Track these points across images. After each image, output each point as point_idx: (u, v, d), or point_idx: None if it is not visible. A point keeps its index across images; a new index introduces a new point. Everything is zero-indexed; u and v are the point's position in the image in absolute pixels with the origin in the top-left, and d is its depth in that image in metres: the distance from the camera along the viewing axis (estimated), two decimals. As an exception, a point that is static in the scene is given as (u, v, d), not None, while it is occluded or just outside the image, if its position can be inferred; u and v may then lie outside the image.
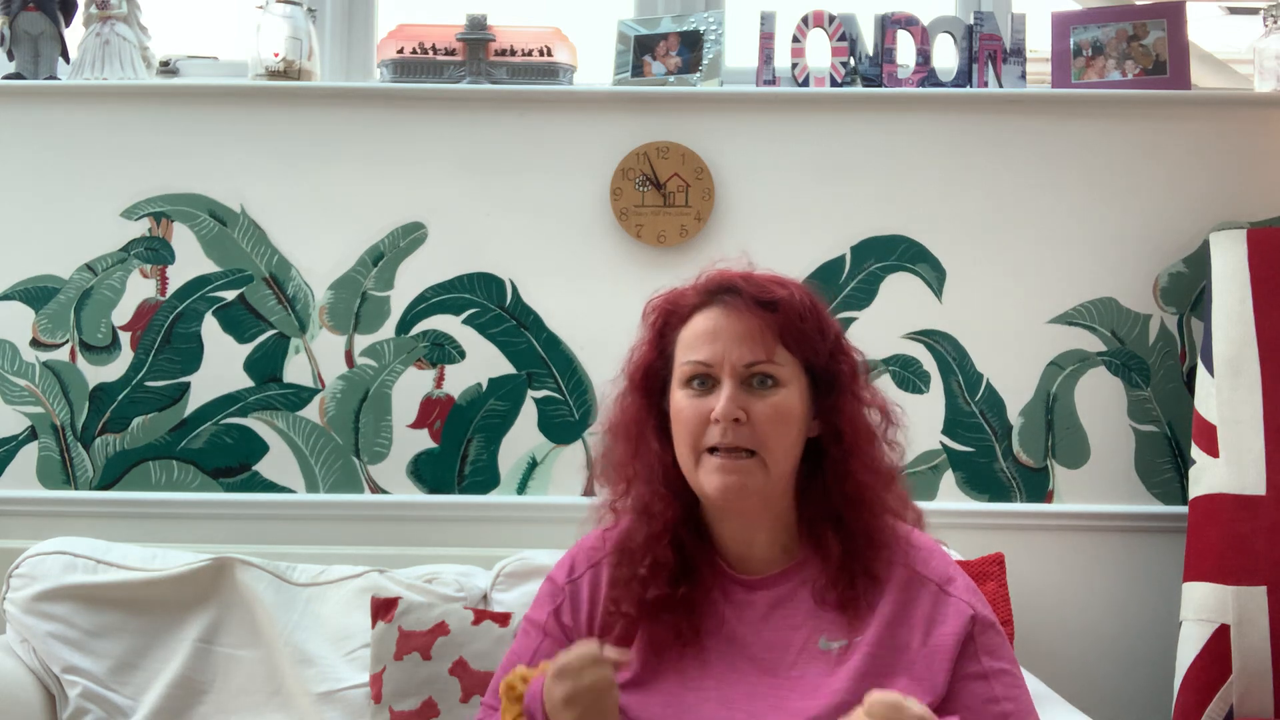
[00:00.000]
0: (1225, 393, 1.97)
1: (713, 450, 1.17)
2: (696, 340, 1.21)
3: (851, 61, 2.20)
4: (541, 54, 2.19)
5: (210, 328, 2.17)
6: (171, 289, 2.17)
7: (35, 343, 2.17)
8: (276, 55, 2.18)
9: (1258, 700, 1.87)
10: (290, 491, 2.16)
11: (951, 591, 1.18)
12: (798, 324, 1.19)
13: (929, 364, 2.17)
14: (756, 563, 1.23)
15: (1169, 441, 2.16)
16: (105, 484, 2.15)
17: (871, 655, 1.15)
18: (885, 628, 1.17)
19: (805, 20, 2.21)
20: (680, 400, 1.20)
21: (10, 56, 2.22)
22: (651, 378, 1.26)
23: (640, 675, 1.20)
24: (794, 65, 2.20)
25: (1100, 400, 2.16)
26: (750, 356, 1.18)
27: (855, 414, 1.22)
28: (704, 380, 1.19)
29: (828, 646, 1.17)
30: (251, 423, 2.16)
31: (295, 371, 2.16)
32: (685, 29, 2.22)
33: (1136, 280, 2.17)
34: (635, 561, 1.22)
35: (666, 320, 1.26)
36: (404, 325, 2.17)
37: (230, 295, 2.17)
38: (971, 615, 1.17)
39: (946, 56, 2.21)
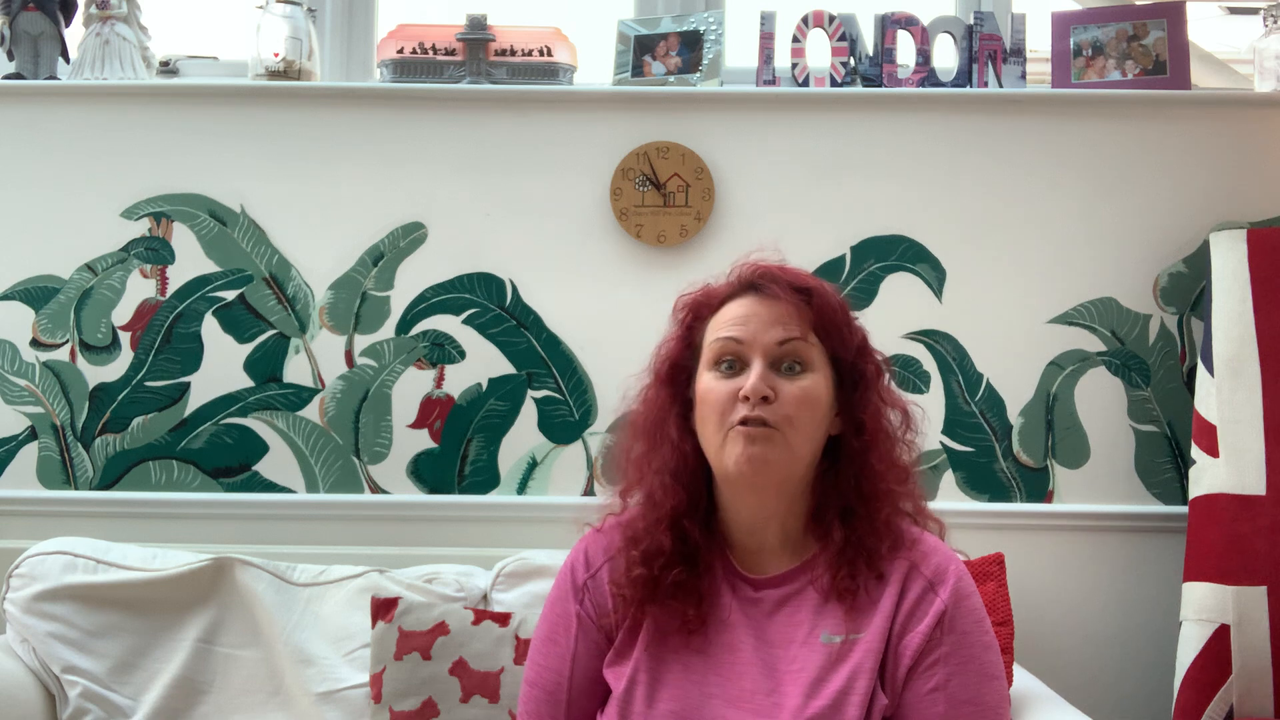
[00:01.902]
0: (1225, 393, 1.97)
1: (740, 423, 1.18)
2: (728, 323, 1.23)
3: (851, 61, 2.20)
4: (541, 54, 2.19)
5: (210, 328, 2.17)
6: (171, 289, 2.17)
7: (35, 343, 2.17)
8: (276, 55, 2.18)
9: (1258, 700, 1.87)
10: (290, 491, 2.16)
11: (939, 591, 1.18)
12: (830, 314, 1.22)
13: (929, 364, 2.17)
14: (766, 559, 1.23)
15: (1169, 441, 2.16)
16: (105, 484, 2.15)
17: (872, 650, 1.16)
18: (884, 622, 1.17)
19: (805, 20, 2.21)
20: (708, 381, 1.22)
21: (10, 56, 2.22)
22: (678, 370, 1.27)
23: (646, 669, 1.20)
24: (794, 65, 2.21)
25: (1100, 400, 2.16)
26: (784, 334, 1.19)
27: (878, 412, 1.24)
28: (733, 363, 1.21)
29: (829, 640, 1.17)
30: (251, 423, 2.16)
31: (295, 371, 2.16)
32: (685, 29, 2.22)
33: (1136, 280, 2.17)
34: (636, 546, 1.23)
35: (697, 314, 1.28)
36: (404, 325, 2.17)
37: (230, 295, 2.17)
38: (941, 613, 1.17)
39: (946, 56, 2.21)
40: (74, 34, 2.23)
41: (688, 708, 1.18)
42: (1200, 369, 2.03)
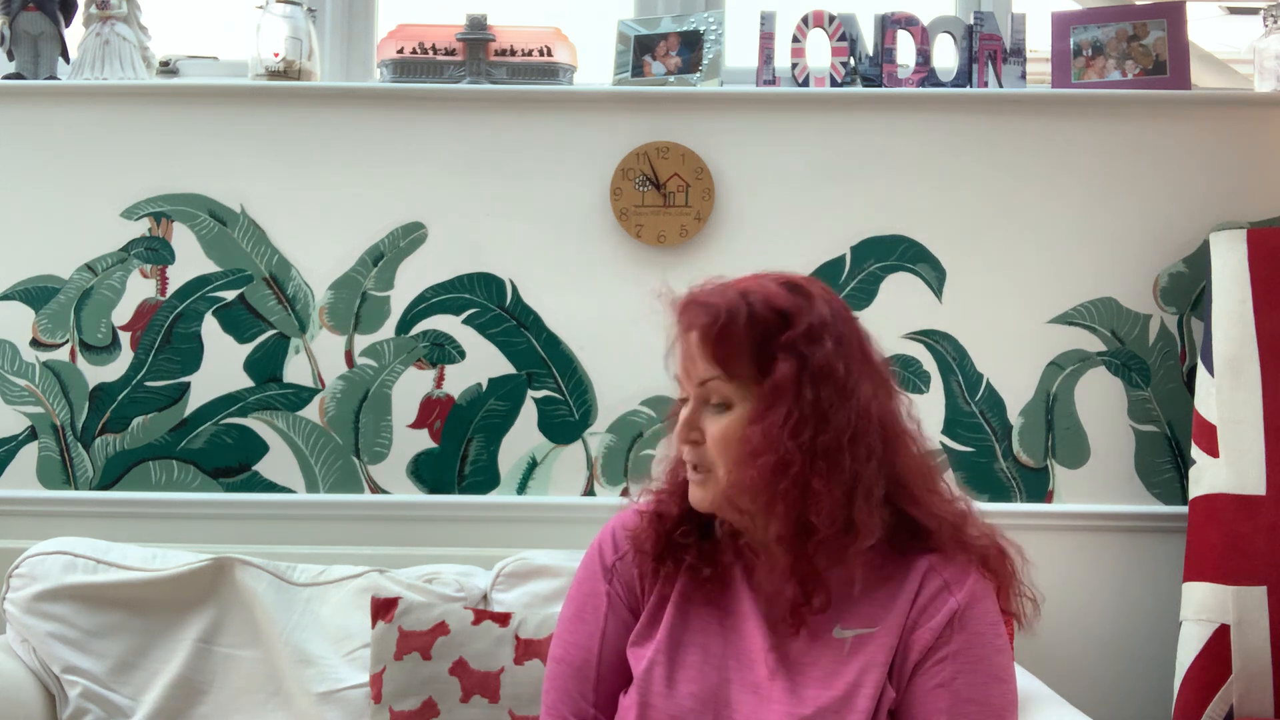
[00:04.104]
0: (1225, 393, 1.97)
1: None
2: (675, 358, 1.22)
3: (851, 61, 2.20)
4: (541, 54, 2.19)
5: (210, 328, 2.17)
6: (171, 289, 2.17)
7: (35, 343, 2.17)
8: (276, 55, 2.18)
9: (1258, 700, 1.87)
10: (290, 491, 2.16)
11: (954, 591, 1.18)
12: (731, 339, 1.15)
13: (929, 364, 2.17)
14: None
15: (1169, 441, 2.16)
16: (105, 484, 2.15)
17: (885, 646, 1.16)
18: (899, 619, 1.17)
19: (805, 20, 2.21)
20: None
21: (10, 56, 2.22)
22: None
23: (665, 651, 1.22)
24: (794, 65, 2.20)
25: (1100, 400, 2.16)
26: (700, 375, 1.18)
27: (782, 425, 1.14)
28: (686, 398, 1.22)
29: (842, 635, 1.18)
30: (251, 423, 2.16)
31: (295, 371, 2.16)
32: (685, 29, 2.22)
33: (1136, 280, 2.17)
34: (661, 520, 1.26)
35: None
36: (404, 325, 2.17)
37: (230, 295, 2.17)
38: (954, 611, 1.16)
39: (946, 56, 2.21)
40: (74, 34, 2.23)
41: (706, 690, 1.19)
42: (1200, 369, 2.03)
